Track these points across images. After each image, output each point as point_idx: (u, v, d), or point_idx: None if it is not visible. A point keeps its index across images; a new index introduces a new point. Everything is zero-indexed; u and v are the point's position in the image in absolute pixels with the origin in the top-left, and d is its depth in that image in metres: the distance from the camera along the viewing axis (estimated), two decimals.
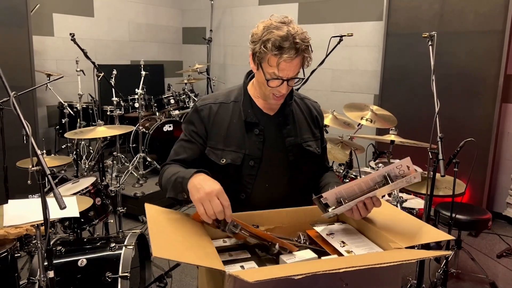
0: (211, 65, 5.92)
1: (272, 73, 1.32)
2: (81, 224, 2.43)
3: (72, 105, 4.41)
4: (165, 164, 1.50)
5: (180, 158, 1.47)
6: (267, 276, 0.88)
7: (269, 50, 1.29)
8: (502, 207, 4.05)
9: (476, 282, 2.91)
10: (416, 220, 1.33)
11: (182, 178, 1.28)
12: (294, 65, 1.32)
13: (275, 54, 1.29)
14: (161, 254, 0.96)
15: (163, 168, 1.49)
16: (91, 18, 5.11)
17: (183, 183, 1.26)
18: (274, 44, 1.28)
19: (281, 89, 1.36)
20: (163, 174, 1.44)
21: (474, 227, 3.05)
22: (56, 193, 1.37)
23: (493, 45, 3.72)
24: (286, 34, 1.28)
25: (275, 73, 1.32)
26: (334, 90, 4.99)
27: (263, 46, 1.30)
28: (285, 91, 1.37)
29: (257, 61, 1.35)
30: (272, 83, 1.35)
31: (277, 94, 1.38)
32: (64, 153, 4.56)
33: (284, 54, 1.28)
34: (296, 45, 1.29)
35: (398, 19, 4.18)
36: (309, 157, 1.51)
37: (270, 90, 1.37)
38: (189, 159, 1.46)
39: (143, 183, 4.14)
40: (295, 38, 1.29)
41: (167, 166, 1.47)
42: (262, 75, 1.35)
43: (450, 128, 3.10)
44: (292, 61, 1.30)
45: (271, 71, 1.32)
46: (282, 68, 1.31)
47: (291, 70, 1.32)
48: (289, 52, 1.28)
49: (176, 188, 1.31)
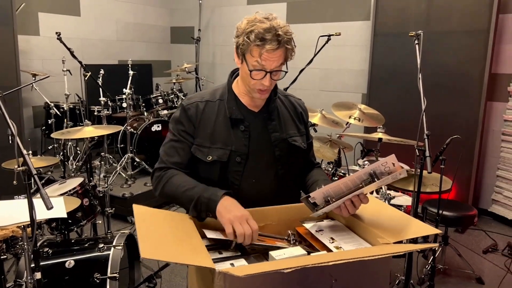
0: (199, 64, 5.91)
1: (255, 64, 1.35)
2: (69, 225, 2.41)
3: (59, 105, 4.36)
4: (161, 168, 1.47)
5: (174, 161, 1.46)
6: (256, 271, 0.89)
7: (252, 41, 1.32)
8: (488, 203, 4.11)
9: (462, 278, 2.95)
10: (403, 215, 1.35)
11: (208, 200, 1.29)
12: (276, 57, 1.34)
13: (258, 44, 1.31)
14: (149, 255, 0.95)
15: (161, 172, 1.46)
16: (77, 17, 5.05)
17: (209, 205, 1.28)
18: (257, 35, 1.31)
19: (265, 82, 1.37)
20: (168, 183, 1.42)
21: (460, 224, 3.09)
22: (43, 193, 1.35)
23: (478, 44, 3.78)
24: (269, 26, 1.32)
25: (258, 62, 1.34)
26: (322, 89, 5.02)
27: (246, 37, 1.33)
28: (269, 84, 1.38)
29: (241, 54, 1.38)
30: (256, 75, 1.37)
31: (261, 87, 1.39)
32: (51, 154, 4.50)
33: (266, 45, 1.31)
34: (279, 37, 1.32)
35: (386, 18, 4.22)
36: (295, 152, 1.52)
37: (254, 83, 1.39)
38: (183, 161, 1.46)
39: (132, 184, 4.11)
40: (278, 31, 1.32)
41: (169, 173, 1.44)
42: (246, 68, 1.38)
43: (437, 126, 3.14)
44: (274, 52, 1.33)
45: (254, 62, 1.35)
46: (264, 58, 1.33)
47: (274, 61, 1.34)
48: (271, 43, 1.31)
49: (200, 208, 1.31)
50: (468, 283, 2.90)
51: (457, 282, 2.91)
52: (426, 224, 1.25)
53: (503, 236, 3.65)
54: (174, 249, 1.05)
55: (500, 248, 3.40)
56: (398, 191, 2.83)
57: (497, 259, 3.26)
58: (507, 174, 3.88)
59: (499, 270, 3.06)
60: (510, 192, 3.86)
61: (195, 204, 1.32)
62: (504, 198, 3.93)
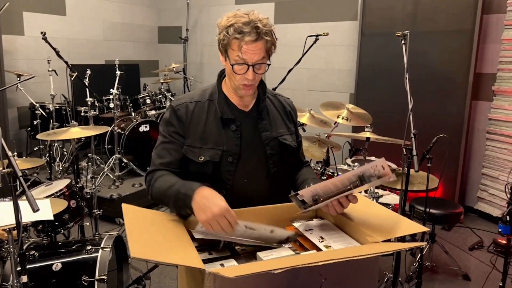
0: (187, 64, 5.88)
1: (237, 58, 1.35)
2: (56, 227, 2.38)
3: (44, 106, 4.30)
4: (153, 171, 1.47)
5: (166, 161, 1.46)
6: (246, 271, 0.89)
7: (231, 35, 1.33)
8: (473, 201, 4.18)
9: (449, 275, 2.99)
10: (392, 213, 1.36)
11: (185, 196, 1.27)
12: (257, 49, 1.35)
13: (237, 37, 1.33)
14: (139, 255, 0.95)
15: (151, 175, 1.46)
16: (63, 16, 4.99)
17: (186, 201, 1.26)
18: (236, 29, 1.33)
19: (248, 76, 1.37)
20: (155, 185, 1.42)
21: (447, 221, 3.14)
22: (29, 195, 1.33)
23: (463, 44, 3.84)
24: (248, 20, 1.34)
25: (239, 56, 1.35)
26: (310, 89, 5.04)
27: (226, 32, 1.35)
28: (252, 77, 1.38)
29: (223, 50, 1.39)
30: (238, 70, 1.37)
31: (245, 82, 1.39)
32: (36, 156, 4.43)
33: (245, 37, 1.32)
34: (257, 29, 1.33)
35: (373, 19, 4.26)
36: (286, 150, 1.53)
37: (239, 79, 1.39)
38: (175, 161, 1.46)
39: (119, 185, 4.07)
40: (256, 23, 1.33)
41: (157, 175, 1.44)
42: (229, 64, 1.39)
43: (424, 125, 3.17)
44: (254, 43, 1.34)
45: (236, 57, 1.36)
46: (244, 51, 1.34)
47: (255, 53, 1.35)
48: (250, 35, 1.32)
49: (179, 205, 1.30)
50: (454, 280, 2.94)
51: (444, 279, 2.95)
52: (414, 222, 1.26)
53: (489, 233, 3.71)
54: (164, 249, 1.04)
55: (485, 245, 3.45)
56: (386, 189, 2.85)
57: (483, 255, 3.31)
58: (492, 172, 3.95)
59: (485, 267, 3.11)
60: (495, 189, 3.92)
61: (174, 201, 1.31)
62: (489, 196, 3.99)
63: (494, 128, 3.93)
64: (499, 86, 3.86)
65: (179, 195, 1.29)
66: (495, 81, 3.90)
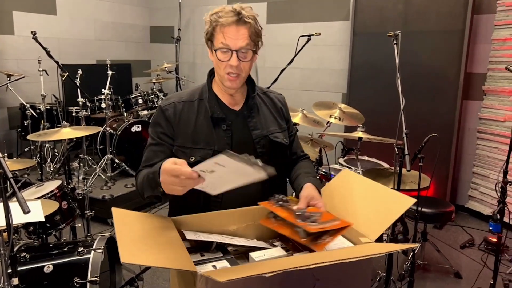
0: (180, 64, 5.86)
1: (220, 44, 1.36)
2: (47, 229, 2.35)
3: (35, 106, 4.26)
4: (139, 171, 1.48)
5: (153, 163, 1.45)
6: (238, 275, 0.88)
7: (214, 21, 1.36)
8: (465, 199, 4.22)
9: (441, 273, 3.02)
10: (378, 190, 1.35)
11: (153, 173, 1.27)
12: (240, 34, 1.36)
13: (218, 22, 1.36)
14: (129, 260, 0.94)
15: (137, 175, 1.47)
16: (53, 16, 4.94)
17: (155, 178, 1.25)
18: (219, 15, 1.36)
19: (232, 62, 1.36)
20: (138, 180, 1.43)
21: (439, 220, 3.16)
22: (19, 197, 1.32)
23: (454, 44, 3.87)
24: (231, 9, 1.36)
25: (223, 42, 1.36)
26: (303, 89, 5.05)
27: (210, 24, 1.38)
28: (236, 64, 1.37)
29: (209, 41, 1.42)
30: (222, 56, 1.38)
31: (230, 70, 1.38)
32: (27, 156, 4.39)
33: (227, 20, 1.34)
34: (239, 15, 1.35)
35: (364, 18, 4.27)
36: (278, 148, 1.52)
37: (224, 68, 1.39)
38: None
39: (112, 186, 4.04)
40: (239, 10, 1.35)
41: (141, 172, 1.45)
42: (215, 54, 1.40)
43: (415, 124, 3.19)
44: (236, 28, 1.35)
45: (220, 43, 1.37)
46: (228, 37, 1.35)
47: (238, 39, 1.35)
48: (232, 20, 1.34)
49: (151, 185, 1.30)
50: (446, 278, 2.97)
51: (435, 277, 2.97)
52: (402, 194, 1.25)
53: (479, 231, 3.74)
54: (155, 252, 1.03)
55: (476, 243, 3.49)
56: None
57: (474, 253, 3.35)
58: (483, 171, 3.99)
59: (476, 265, 3.14)
60: (485, 188, 3.96)
61: (146, 183, 1.32)
62: (480, 194, 4.03)
63: (484, 127, 3.96)
64: (489, 86, 3.90)
65: (149, 175, 1.31)
66: (485, 81, 3.94)
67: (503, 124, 3.76)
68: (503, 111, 3.76)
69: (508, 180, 2.25)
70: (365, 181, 1.40)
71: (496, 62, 3.82)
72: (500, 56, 3.77)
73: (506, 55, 3.71)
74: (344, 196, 1.39)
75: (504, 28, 3.73)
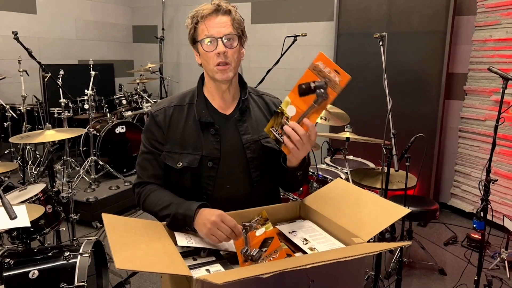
0: (164, 64, 5.81)
1: (204, 35, 1.36)
2: (31, 233, 2.30)
3: (15, 108, 4.15)
4: (140, 184, 1.46)
5: (150, 174, 1.45)
6: (235, 277, 0.88)
7: (197, 17, 1.37)
8: (447, 197, 4.30)
9: (426, 270, 3.07)
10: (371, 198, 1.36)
11: (184, 216, 1.28)
12: (222, 22, 1.36)
13: (202, 15, 1.37)
14: (125, 266, 0.92)
15: (140, 188, 1.45)
16: (33, 15, 4.83)
17: (186, 221, 1.27)
18: (199, 11, 1.37)
19: (219, 49, 1.35)
20: (146, 201, 1.42)
21: (424, 218, 3.22)
22: (6, 202, 1.29)
23: (436, 44, 3.94)
24: (210, 5, 1.38)
25: (207, 34, 1.36)
26: (288, 89, 5.03)
27: (191, 21, 1.39)
28: (222, 49, 1.35)
29: (193, 41, 1.42)
30: (207, 47, 1.37)
31: (219, 59, 1.36)
32: (7, 159, 4.28)
33: (208, 14, 1.36)
34: (218, 7, 1.37)
35: (348, 19, 4.31)
36: (269, 153, 1.47)
37: (212, 60, 1.37)
38: (158, 173, 1.45)
39: (96, 188, 3.98)
40: (216, 2, 1.38)
41: (147, 189, 1.44)
42: (201, 50, 1.39)
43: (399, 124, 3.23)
44: (217, 17, 1.36)
45: (203, 35, 1.37)
46: (210, 26, 1.35)
47: (220, 27, 1.36)
48: (211, 9, 1.36)
49: (178, 225, 1.30)
50: (431, 275, 3.02)
51: (421, 274, 3.02)
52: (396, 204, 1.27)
53: (462, 228, 3.82)
54: (149, 258, 1.02)
55: (459, 239, 3.56)
56: (364, 188, 2.90)
57: (457, 250, 3.42)
58: (464, 169, 4.07)
59: (459, 261, 3.21)
60: (467, 186, 4.05)
61: (172, 221, 1.30)
62: (462, 192, 4.12)
63: (466, 127, 4.05)
64: (470, 86, 3.98)
65: (178, 215, 1.29)
66: (466, 81, 4.03)
67: (483, 123, 3.85)
68: (483, 110, 3.85)
69: (491, 179, 2.30)
70: (360, 191, 1.42)
71: (477, 63, 3.91)
72: (481, 56, 3.86)
73: (486, 56, 3.80)
74: (337, 201, 1.39)
75: (484, 29, 3.81)
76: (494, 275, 2.79)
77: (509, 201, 3.60)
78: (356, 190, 1.42)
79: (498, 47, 3.68)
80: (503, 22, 3.63)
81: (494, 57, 3.71)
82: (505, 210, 3.59)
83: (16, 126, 4.11)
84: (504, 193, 3.63)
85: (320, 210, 1.37)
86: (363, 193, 1.40)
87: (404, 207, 2.00)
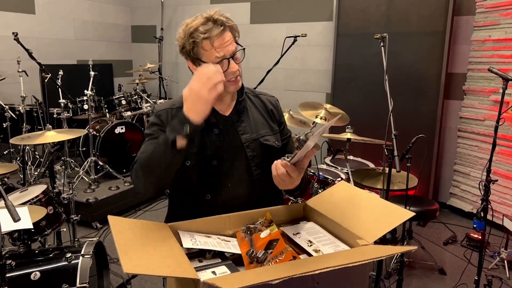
0: (163, 64, 5.80)
1: (215, 58, 1.35)
2: (32, 235, 2.29)
3: (14, 108, 4.14)
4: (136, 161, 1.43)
5: None
6: (244, 283, 0.88)
7: (199, 37, 1.33)
8: (446, 197, 4.31)
9: (426, 269, 3.08)
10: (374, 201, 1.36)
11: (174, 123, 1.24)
12: (228, 39, 1.36)
13: (205, 37, 1.33)
14: (132, 270, 0.92)
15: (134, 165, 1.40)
16: (32, 15, 4.82)
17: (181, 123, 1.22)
18: (200, 30, 1.33)
19: (233, 68, 1.37)
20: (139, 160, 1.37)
21: (424, 218, 3.23)
22: (9, 205, 1.29)
23: (435, 45, 3.95)
24: (205, 19, 1.35)
25: (217, 56, 1.34)
26: (287, 89, 5.07)
27: (192, 39, 1.35)
28: (236, 69, 1.38)
29: (195, 57, 1.38)
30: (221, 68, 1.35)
31: (231, 77, 1.38)
32: (7, 160, 4.27)
33: (213, 31, 1.33)
34: (218, 21, 1.34)
35: (348, 19, 4.32)
36: (269, 151, 1.52)
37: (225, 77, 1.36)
38: None
39: (95, 188, 3.97)
40: (213, 17, 1.35)
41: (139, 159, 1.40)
42: None
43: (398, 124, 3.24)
44: (223, 35, 1.35)
45: (213, 57, 1.35)
46: (218, 46, 1.34)
47: (227, 45, 1.36)
48: (216, 28, 1.33)
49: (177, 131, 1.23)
50: (431, 274, 3.03)
51: (421, 274, 3.04)
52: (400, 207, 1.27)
53: (461, 227, 3.84)
54: (157, 261, 1.02)
55: (459, 239, 3.58)
56: (365, 188, 2.91)
57: (457, 250, 3.43)
58: (464, 169, 4.09)
59: (459, 261, 3.22)
60: (466, 185, 4.07)
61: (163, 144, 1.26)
62: (461, 192, 4.13)
63: (465, 126, 4.06)
64: (469, 86, 3.99)
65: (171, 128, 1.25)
66: (465, 81, 4.04)
67: (482, 123, 3.86)
68: (482, 110, 3.86)
69: (491, 179, 2.30)
70: (363, 193, 1.42)
71: (476, 63, 3.92)
72: (480, 56, 3.87)
73: (485, 56, 3.81)
74: (341, 203, 1.39)
75: (483, 30, 3.82)
76: (494, 275, 2.81)
77: (509, 200, 3.61)
78: (359, 193, 1.42)
79: (497, 47, 3.69)
80: (502, 22, 3.64)
81: (493, 57, 3.72)
82: (504, 210, 3.60)
83: (15, 127, 4.10)
84: (504, 192, 3.65)
85: (324, 212, 1.37)
86: (367, 195, 1.41)
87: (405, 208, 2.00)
